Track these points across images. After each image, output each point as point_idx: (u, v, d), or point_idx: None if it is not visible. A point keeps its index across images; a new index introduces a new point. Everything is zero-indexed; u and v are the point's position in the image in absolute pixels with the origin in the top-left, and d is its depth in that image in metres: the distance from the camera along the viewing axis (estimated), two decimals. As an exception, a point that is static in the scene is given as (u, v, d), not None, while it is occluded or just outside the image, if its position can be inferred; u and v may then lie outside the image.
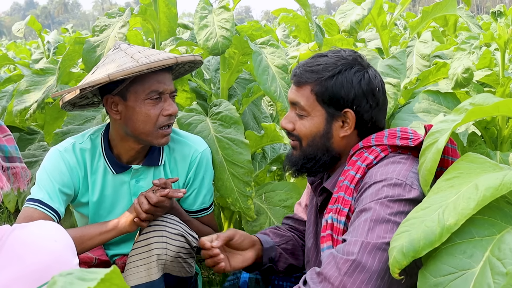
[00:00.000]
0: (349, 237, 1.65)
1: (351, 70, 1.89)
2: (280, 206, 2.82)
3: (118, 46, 2.34)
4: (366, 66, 1.94)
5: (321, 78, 1.89)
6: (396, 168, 1.74)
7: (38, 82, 3.70)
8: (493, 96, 1.57)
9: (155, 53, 2.26)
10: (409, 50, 4.36)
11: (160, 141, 2.31)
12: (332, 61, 1.91)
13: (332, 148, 1.93)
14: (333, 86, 1.87)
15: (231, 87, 3.35)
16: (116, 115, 2.29)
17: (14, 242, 1.29)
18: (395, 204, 1.64)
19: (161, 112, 2.26)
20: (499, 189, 1.28)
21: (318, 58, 1.95)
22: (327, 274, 1.60)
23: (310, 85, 1.90)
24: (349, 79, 1.88)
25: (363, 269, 1.56)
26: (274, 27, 8.84)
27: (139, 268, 2.23)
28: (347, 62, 1.91)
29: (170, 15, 3.47)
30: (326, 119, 1.90)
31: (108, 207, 2.44)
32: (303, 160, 1.96)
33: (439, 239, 1.29)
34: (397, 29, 9.07)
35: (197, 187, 2.51)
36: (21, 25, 5.56)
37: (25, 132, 4.39)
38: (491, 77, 3.36)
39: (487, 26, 7.18)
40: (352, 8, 3.59)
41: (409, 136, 1.86)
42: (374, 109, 1.91)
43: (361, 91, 1.88)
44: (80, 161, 2.39)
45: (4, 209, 4.97)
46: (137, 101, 2.24)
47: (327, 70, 1.89)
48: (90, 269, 0.72)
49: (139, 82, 2.22)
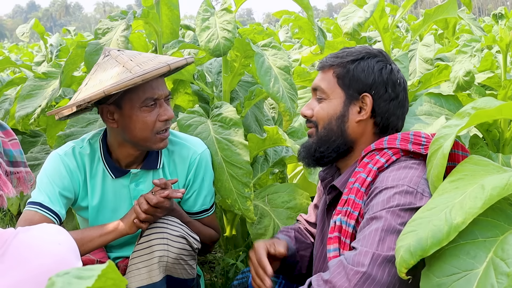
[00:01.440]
0: (359, 245, 1.64)
1: (374, 59, 1.96)
2: (283, 208, 2.83)
3: (108, 53, 2.32)
4: (389, 61, 2.00)
5: (344, 61, 1.96)
6: (408, 174, 1.74)
7: (41, 86, 3.70)
8: (495, 100, 1.57)
9: (147, 60, 2.23)
10: (411, 53, 4.36)
11: (159, 145, 2.31)
12: (358, 50, 1.99)
13: (347, 133, 1.94)
14: (355, 69, 1.94)
15: (234, 90, 3.36)
16: (113, 124, 2.29)
17: (18, 245, 1.29)
18: (406, 213, 1.64)
19: (158, 118, 2.26)
20: (505, 188, 1.29)
21: (345, 48, 2.03)
22: (336, 283, 1.60)
23: (333, 68, 1.97)
24: (371, 65, 1.94)
25: (373, 282, 1.56)
26: (277, 29, 8.85)
27: (140, 270, 2.24)
28: (372, 52, 1.98)
29: (172, 18, 3.47)
30: (344, 101, 1.94)
31: (109, 212, 2.44)
32: (317, 144, 1.97)
33: (446, 238, 1.29)
34: (399, 31, 9.07)
35: (197, 189, 2.51)
36: (26, 29, 5.57)
37: (27, 135, 4.40)
38: (493, 79, 3.36)
39: (489, 28, 7.18)
40: (355, 10, 3.60)
41: (422, 141, 1.85)
42: (392, 101, 1.94)
43: (381, 79, 1.93)
44: (80, 165, 2.39)
45: (7, 211, 4.97)
46: (133, 109, 2.23)
47: (351, 55, 1.97)
48: (86, 267, 0.72)
49: (133, 91, 2.20)
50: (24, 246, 1.30)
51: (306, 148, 2.02)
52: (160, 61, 2.21)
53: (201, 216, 2.55)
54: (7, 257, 1.26)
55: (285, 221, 2.77)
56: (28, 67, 4.75)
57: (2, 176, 1.27)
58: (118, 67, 2.21)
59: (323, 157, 1.98)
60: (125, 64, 2.20)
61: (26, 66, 4.80)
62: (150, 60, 2.23)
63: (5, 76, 5.36)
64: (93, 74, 2.29)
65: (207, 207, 2.56)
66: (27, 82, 3.73)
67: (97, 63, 2.34)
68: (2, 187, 1.27)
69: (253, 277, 1.98)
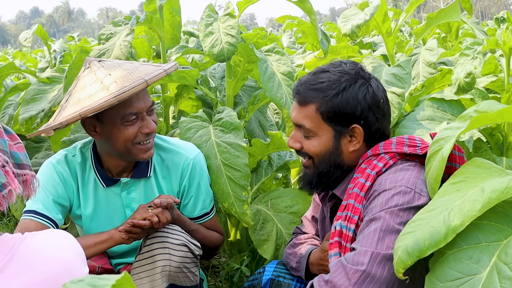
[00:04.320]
0: (358, 246, 1.65)
1: (355, 85, 1.89)
2: (286, 213, 2.83)
3: (89, 65, 2.30)
4: (368, 78, 1.93)
5: (326, 96, 1.88)
6: (405, 176, 1.75)
7: (45, 90, 3.71)
8: (498, 103, 1.57)
9: (125, 74, 2.19)
10: (414, 58, 4.35)
11: (142, 156, 2.29)
12: (335, 78, 1.90)
13: (343, 163, 1.94)
14: (339, 103, 1.87)
15: (237, 95, 3.36)
16: (97, 136, 2.29)
17: (26, 250, 1.29)
18: (405, 213, 1.65)
19: (139, 130, 2.24)
20: (505, 192, 1.29)
21: (320, 75, 1.93)
22: (336, 283, 1.61)
23: (315, 104, 1.90)
24: (354, 95, 1.87)
25: (372, 280, 1.57)
26: (280, 34, 8.85)
27: (143, 280, 2.24)
28: (350, 77, 1.90)
29: (174, 23, 3.48)
30: (334, 136, 1.91)
31: (103, 220, 2.44)
32: (317, 177, 1.97)
33: (444, 239, 1.30)
34: (402, 35, 9.07)
35: (194, 194, 2.51)
36: (28, 34, 5.57)
37: (31, 140, 4.40)
38: (496, 83, 3.36)
39: (493, 32, 7.17)
40: (356, 13, 3.59)
41: (417, 143, 1.87)
42: (380, 120, 1.92)
43: (367, 106, 1.88)
44: (73, 172, 2.40)
45: (11, 217, 4.98)
46: (114, 124, 2.22)
47: (331, 88, 1.88)
48: (101, 276, 0.72)
49: (113, 107, 2.14)
50: (31, 251, 1.30)
51: (306, 181, 2.02)
52: (139, 76, 2.17)
53: (202, 220, 2.56)
54: (14, 262, 1.27)
55: (288, 226, 2.76)
56: (32, 72, 4.76)
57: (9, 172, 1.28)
58: (96, 84, 2.18)
59: (326, 186, 2.00)
60: (103, 81, 2.17)
61: (30, 71, 4.81)
62: (129, 74, 2.19)
63: (9, 82, 5.38)
64: (73, 90, 2.27)
65: (208, 211, 2.57)
66: (31, 86, 3.74)
67: (77, 77, 2.32)
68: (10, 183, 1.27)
69: None
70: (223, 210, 2.98)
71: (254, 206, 2.89)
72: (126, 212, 2.42)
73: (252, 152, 3.02)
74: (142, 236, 2.29)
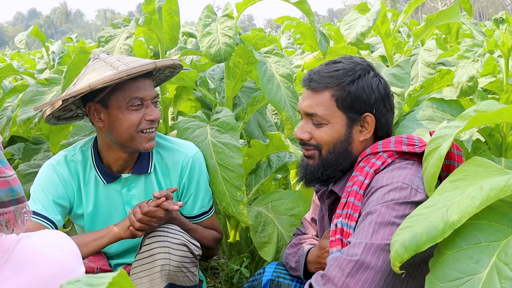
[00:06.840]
0: (353, 239, 1.66)
1: (369, 75, 1.93)
2: (287, 215, 2.83)
3: (98, 56, 2.35)
4: (375, 70, 1.99)
5: (343, 82, 1.91)
6: (402, 173, 1.77)
7: (43, 92, 3.70)
8: (498, 103, 1.57)
9: (134, 60, 2.27)
10: (413, 58, 4.36)
11: (145, 145, 2.32)
12: (350, 67, 1.94)
13: (352, 152, 1.95)
14: (355, 90, 1.90)
15: (236, 96, 3.36)
16: (100, 123, 2.31)
17: (21, 251, 1.29)
18: (401, 206, 1.66)
19: (143, 117, 2.28)
20: (503, 190, 1.29)
21: (333, 65, 1.96)
22: (330, 275, 1.62)
23: (330, 90, 1.92)
24: (369, 83, 1.91)
25: (366, 269, 1.58)
26: (279, 35, 8.86)
27: (142, 279, 2.25)
28: (363, 67, 1.95)
29: (172, 24, 3.47)
30: (346, 124, 1.92)
31: (103, 218, 2.45)
32: (323, 168, 1.97)
33: (441, 235, 1.30)
34: (401, 36, 9.08)
35: (194, 192, 2.52)
36: (23, 36, 5.56)
37: (30, 142, 4.39)
38: (495, 83, 3.36)
39: (491, 33, 7.18)
40: (357, 18, 3.59)
41: (415, 142, 1.88)
42: (389, 112, 1.96)
43: (380, 95, 1.92)
44: (73, 172, 2.41)
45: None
46: (119, 109, 2.26)
47: (347, 75, 1.91)
48: (97, 275, 0.72)
49: (120, 90, 2.23)
50: (26, 252, 1.29)
51: (310, 172, 2.00)
52: (147, 61, 2.25)
53: (201, 219, 2.56)
54: (10, 263, 1.26)
55: (289, 228, 2.77)
56: (30, 74, 4.75)
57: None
58: (106, 66, 2.24)
59: (329, 178, 1.99)
60: (112, 64, 2.23)
61: (28, 73, 4.80)
62: (137, 61, 2.27)
63: (7, 84, 5.36)
64: (82, 74, 2.32)
65: (206, 209, 2.57)
66: (29, 88, 3.73)
67: (86, 66, 2.37)
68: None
69: None
70: (222, 212, 2.98)
71: (254, 208, 2.89)
72: (126, 209, 2.43)
73: (251, 153, 3.02)
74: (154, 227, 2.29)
